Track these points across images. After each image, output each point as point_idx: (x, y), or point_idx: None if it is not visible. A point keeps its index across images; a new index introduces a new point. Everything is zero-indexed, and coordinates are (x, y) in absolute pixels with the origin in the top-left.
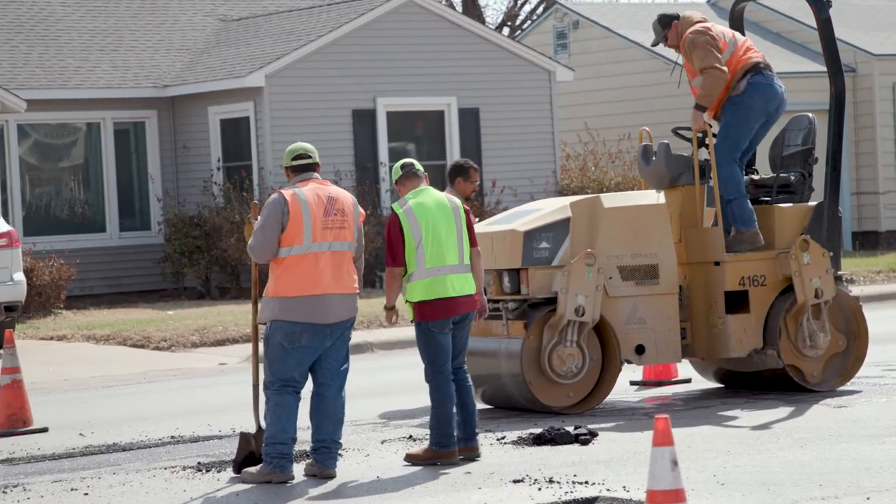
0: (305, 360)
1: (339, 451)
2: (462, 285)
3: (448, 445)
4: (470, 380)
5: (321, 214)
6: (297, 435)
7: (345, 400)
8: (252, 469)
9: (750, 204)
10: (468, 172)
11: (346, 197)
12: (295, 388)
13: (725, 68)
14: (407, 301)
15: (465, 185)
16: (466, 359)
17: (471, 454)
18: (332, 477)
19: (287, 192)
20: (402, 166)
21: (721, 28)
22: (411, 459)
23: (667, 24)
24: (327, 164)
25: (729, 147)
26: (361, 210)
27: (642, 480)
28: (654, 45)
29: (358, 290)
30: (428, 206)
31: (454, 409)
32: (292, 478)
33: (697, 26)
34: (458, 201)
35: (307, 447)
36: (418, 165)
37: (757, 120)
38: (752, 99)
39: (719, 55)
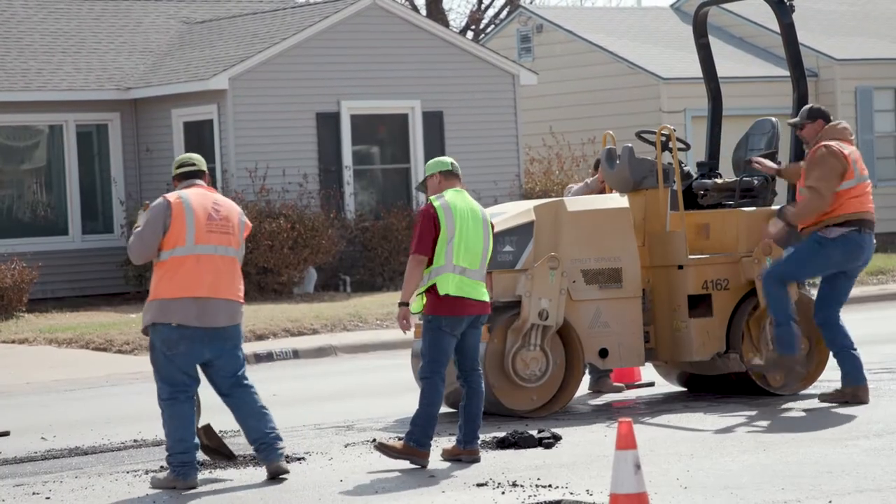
0: (186, 364)
1: (278, 444)
2: (480, 291)
3: (425, 446)
4: (483, 385)
5: (205, 218)
6: (196, 440)
7: (257, 395)
8: (160, 475)
9: (796, 329)
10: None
11: (232, 205)
12: (186, 392)
13: (829, 199)
14: (420, 293)
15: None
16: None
17: (473, 456)
18: (281, 471)
19: (171, 196)
20: (452, 164)
21: (856, 155)
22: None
23: (814, 118)
24: (291, 168)
25: (787, 270)
26: (248, 222)
27: (606, 484)
28: (793, 124)
29: (241, 299)
30: (462, 208)
31: (438, 413)
32: (196, 484)
33: (835, 146)
34: (486, 212)
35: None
36: (457, 165)
37: (828, 268)
38: (835, 249)
39: (837, 183)
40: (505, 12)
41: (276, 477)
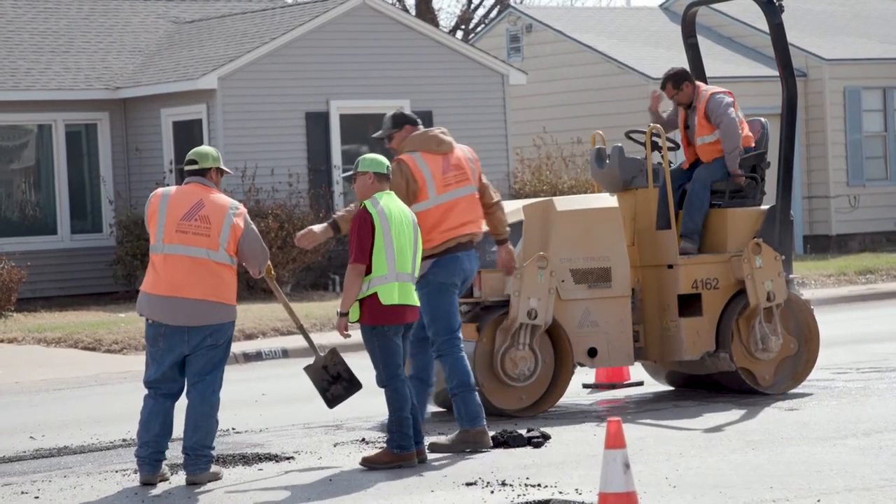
0: (164, 361)
1: (207, 458)
2: (414, 295)
3: (408, 448)
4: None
5: (179, 217)
6: (155, 440)
7: (212, 409)
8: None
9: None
10: (665, 86)
11: (220, 206)
12: (157, 391)
13: None
14: (357, 300)
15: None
16: None
17: (421, 457)
18: (196, 483)
19: (158, 191)
20: (388, 167)
21: (446, 164)
22: (369, 463)
23: (400, 125)
24: (280, 167)
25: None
26: (239, 222)
27: (595, 483)
28: (378, 137)
29: (221, 300)
30: (395, 213)
31: (409, 412)
32: (150, 481)
33: (408, 159)
34: (412, 213)
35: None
36: (390, 167)
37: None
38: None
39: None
40: (494, 12)
41: (190, 484)
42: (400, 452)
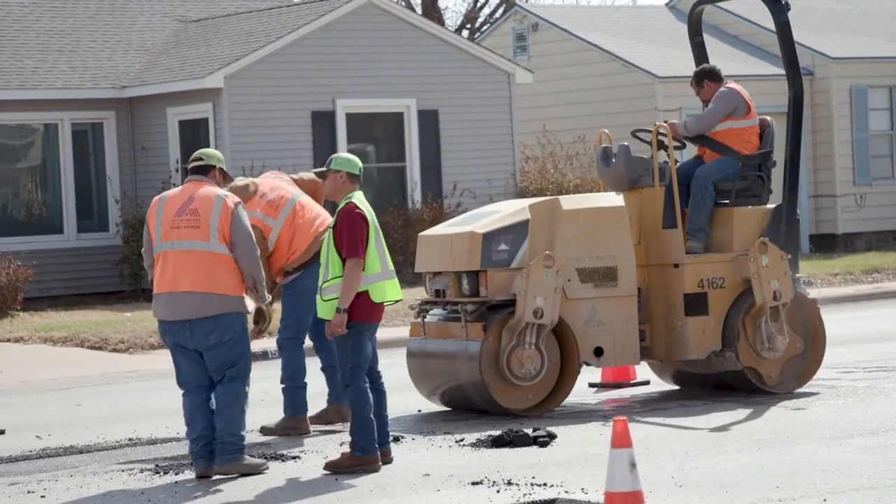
0: (181, 361)
1: (235, 447)
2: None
3: (372, 451)
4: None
5: (172, 215)
6: (204, 433)
7: (236, 397)
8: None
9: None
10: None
11: (208, 197)
12: (187, 388)
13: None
14: (333, 298)
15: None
16: (426, 360)
17: (386, 458)
18: (224, 473)
19: (156, 197)
20: (360, 168)
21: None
22: (332, 469)
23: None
24: (286, 166)
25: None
26: (232, 206)
27: (601, 482)
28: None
29: (217, 290)
30: (372, 213)
31: (372, 414)
32: (206, 474)
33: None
34: None
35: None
36: (362, 169)
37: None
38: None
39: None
40: (500, 11)
41: (217, 475)
42: (363, 456)
